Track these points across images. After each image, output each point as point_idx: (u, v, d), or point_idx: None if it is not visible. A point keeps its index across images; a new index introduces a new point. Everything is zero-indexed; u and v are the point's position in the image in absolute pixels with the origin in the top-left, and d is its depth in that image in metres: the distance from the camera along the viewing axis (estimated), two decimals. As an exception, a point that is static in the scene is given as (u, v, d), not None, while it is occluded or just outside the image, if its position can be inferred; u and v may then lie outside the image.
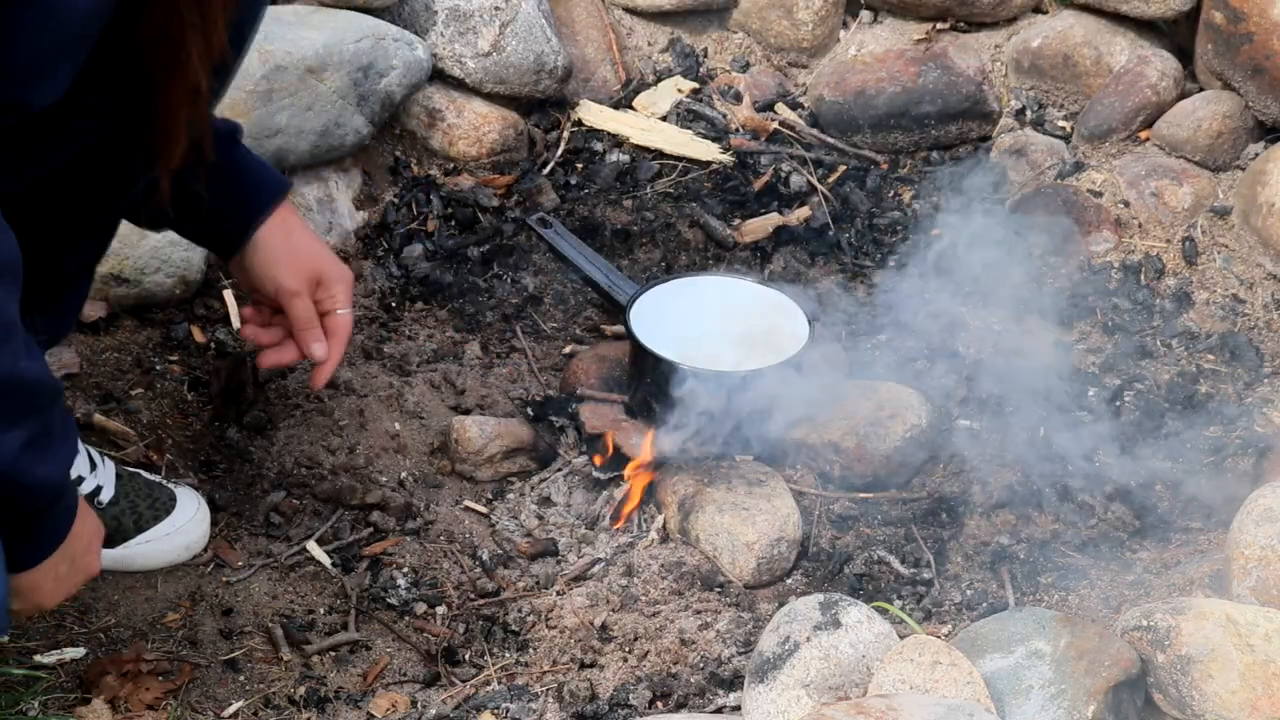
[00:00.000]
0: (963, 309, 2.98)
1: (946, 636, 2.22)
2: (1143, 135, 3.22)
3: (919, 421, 2.64)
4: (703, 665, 2.25)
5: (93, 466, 2.30)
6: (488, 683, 2.27)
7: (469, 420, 2.64)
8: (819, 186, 3.23)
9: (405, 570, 2.45)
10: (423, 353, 2.83)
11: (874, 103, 3.31)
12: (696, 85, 3.40)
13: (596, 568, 2.48)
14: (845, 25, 3.49)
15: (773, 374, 2.57)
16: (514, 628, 2.37)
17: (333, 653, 2.31)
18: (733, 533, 2.45)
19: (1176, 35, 3.34)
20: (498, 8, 3.17)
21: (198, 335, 2.76)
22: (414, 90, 3.12)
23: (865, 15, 3.48)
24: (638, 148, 3.26)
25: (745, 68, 3.46)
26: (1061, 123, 3.32)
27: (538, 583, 2.45)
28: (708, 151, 3.26)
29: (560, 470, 2.65)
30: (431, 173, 3.14)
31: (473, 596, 2.42)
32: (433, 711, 2.22)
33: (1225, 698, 1.97)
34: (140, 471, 2.42)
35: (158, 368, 2.69)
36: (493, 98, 3.19)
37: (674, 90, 3.38)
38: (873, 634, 2.03)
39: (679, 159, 3.25)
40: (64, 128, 1.74)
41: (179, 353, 2.73)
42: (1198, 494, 2.58)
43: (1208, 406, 2.74)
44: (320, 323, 2.20)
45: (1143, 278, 3.02)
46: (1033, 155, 3.24)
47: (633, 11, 3.48)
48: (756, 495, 2.50)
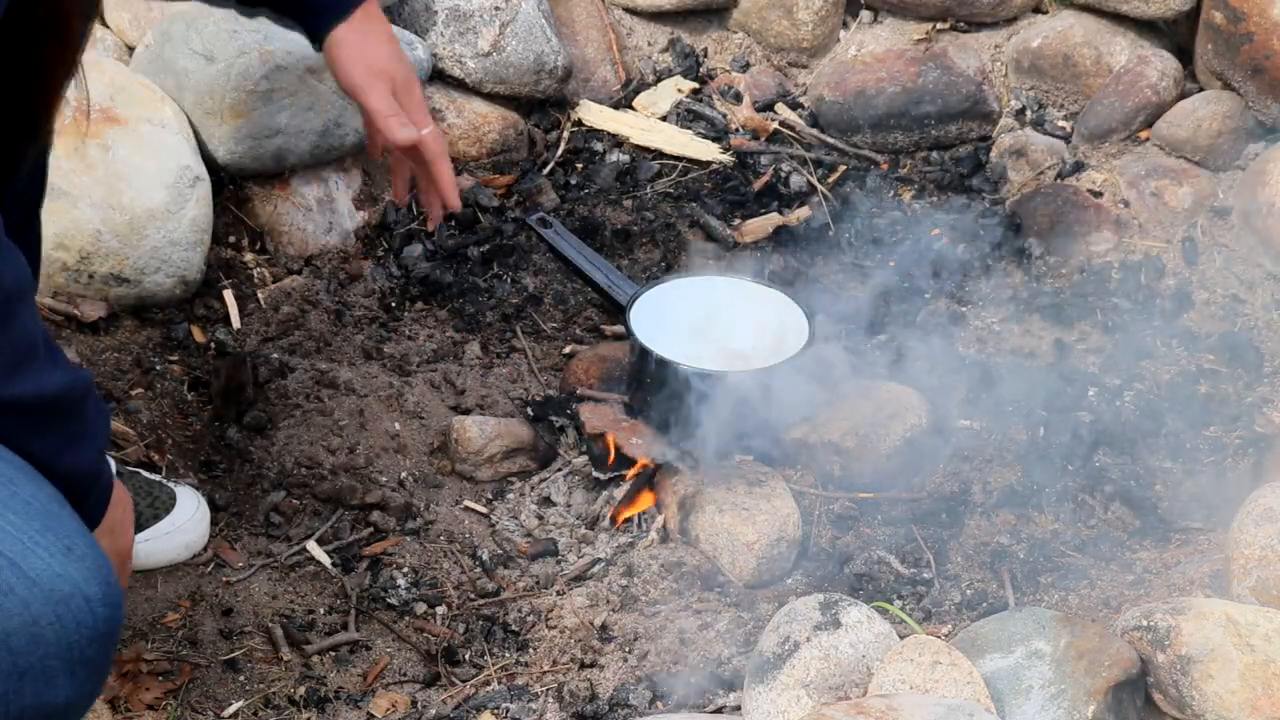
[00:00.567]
0: (963, 309, 2.98)
1: (946, 636, 2.22)
2: (1143, 135, 3.23)
3: (919, 421, 2.64)
4: (703, 665, 2.25)
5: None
6: (488, 683, 2.27)
7: (469, 420, 2.64)
8: (819, 186, 3.23)
9: (405, 570, 2.45)
10: (423, 353, 2.83)
11: (874, 103, 3.31)
12: (696, 85, 3.40)
13: (596, 568, 2.48)
14: (845, 25, 3.49)
15: (773, 374, 2.57)
16: (514, 628, 2.37)
17: (333, 653, 2.31)
18: (733, 533, 2.45)
19: (1176, 35, 3.34)
20: (498, 8, 3.17)
21: (198, 335, 2.76)
22: (414, 90, 3.12)
23: (865, 15, 3.48)
24: (638, 148, 3.26)
25: (745, 68, 3.46)
26: (1061, 123, 3.32)
27: (538, 583, 2.45)
28: (708, 151, 3.26)
29: (560, 470, 2.65)
30: (431, 173, 3.14)
31: (473, 596, 2.42)
32: (433, 711, 2.22)
33: (1225, 698, 1.97)
34: (140, 471, 2.42)
35: (158, 368, 2.69)
36: (493, 98, 3.20)
37: (674, 90, 3.38)
38: (873, 634, 2.03)
39: (679, 159, 3.25)
40: None
41: (179, 353, 2.73)
42: (1198, 494, 2.58)
43: (1208, 406, 2.74)
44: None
45: (1143, 278, 3.02)
46: (1033, 155, 3.24)
47: (633, 11, 3.48)
48: (756, 495, 2.50)
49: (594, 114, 3.31)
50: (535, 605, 2.39)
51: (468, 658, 2.33)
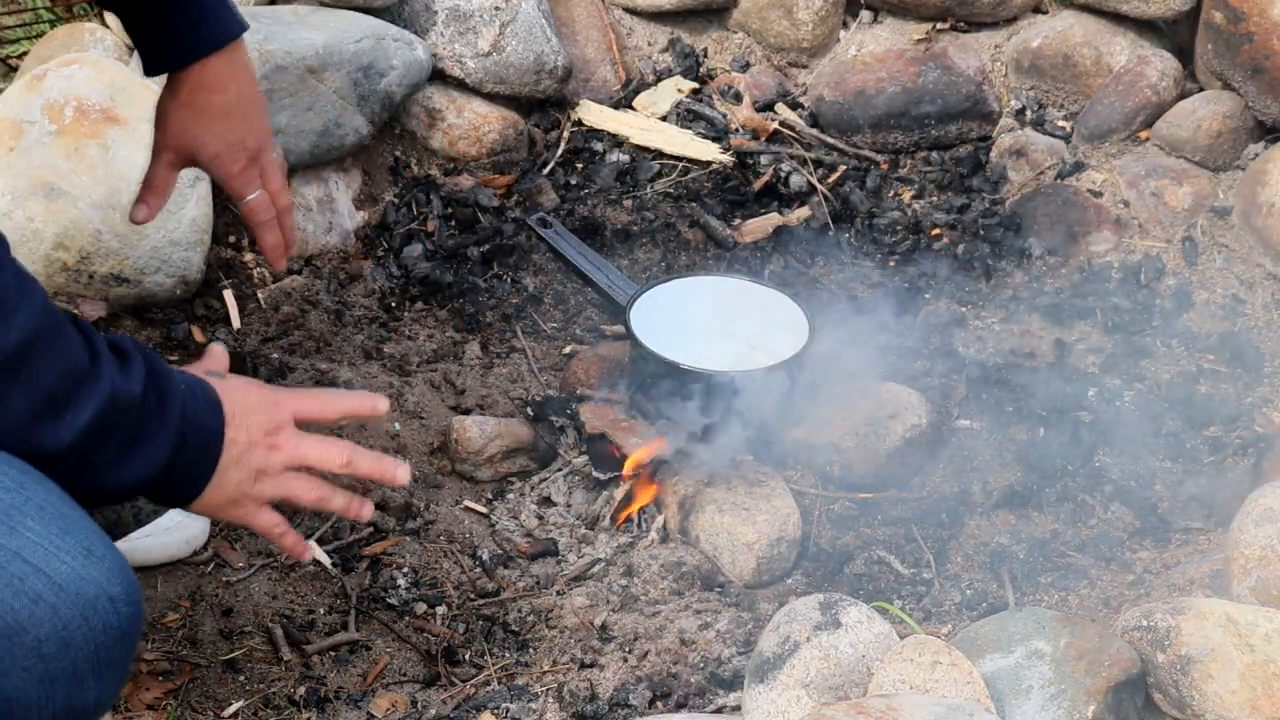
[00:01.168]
0: (963, 309, 2.98)
1: (946, 636, 2.22)
2: (1143, 135, 3.23)
3: (919, 421, 2.64)
4: (703, 665, 2.25)
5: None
6: (488, 683, 2.27)
7: (469, 420, 2.64)
8: (819, 186, 3.23)
9: (405, 570, 2.45)
10: (423, 353, 2.83)
11: (874, 103, 3.31)
12: (696, 85, 3.40)
13: (596, 568, 2.48)
14: (845, 25, 3.49)
15: (773, 374, 2.57)
16: (514, 628, 2.37)
17: (333, 653, 2.31)
18: (733, 533, 2.45)
19: (1176, 35, 3.34)
20: (498, 8, 3.17)
21: (198, 335, 2.76)
22: (414, 90, 3.12)
23: (865, 15, 3.48)
24: (638, 148, 3.26)
25: (745, 68, 3.46)
26: (1061, 123, 3.32)
27: (538, 583, 2.45)
28: (708, 151, 3.26)
29: (560, 470, 2.65)
30: (431, 173, 3.14)
31: (473, 596, 2.42)
32: (433, 711, 2.22)
33: (1225, 698, 1.97)
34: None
35: (158, 368, 2.69)
36: (493, 98, 3.20)
37: (674, 90, 3.38)
38: (873, 634, 2.03)
39: (679, 159, 3.25)
40: None
41: (179, 353, 2.73)
42: (1198, 494, 2.58)
43: (1208, 406, 2.74)
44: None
45: (1143, 278, 3.02)
46: (1033, 155, 3.24)
47: (633, 11, 3.48)
48: (756, 495, 2.50)
49: (594, 114, 3.31)
50: (535, 605, 2.39)
51: (468, 658, 2.32)
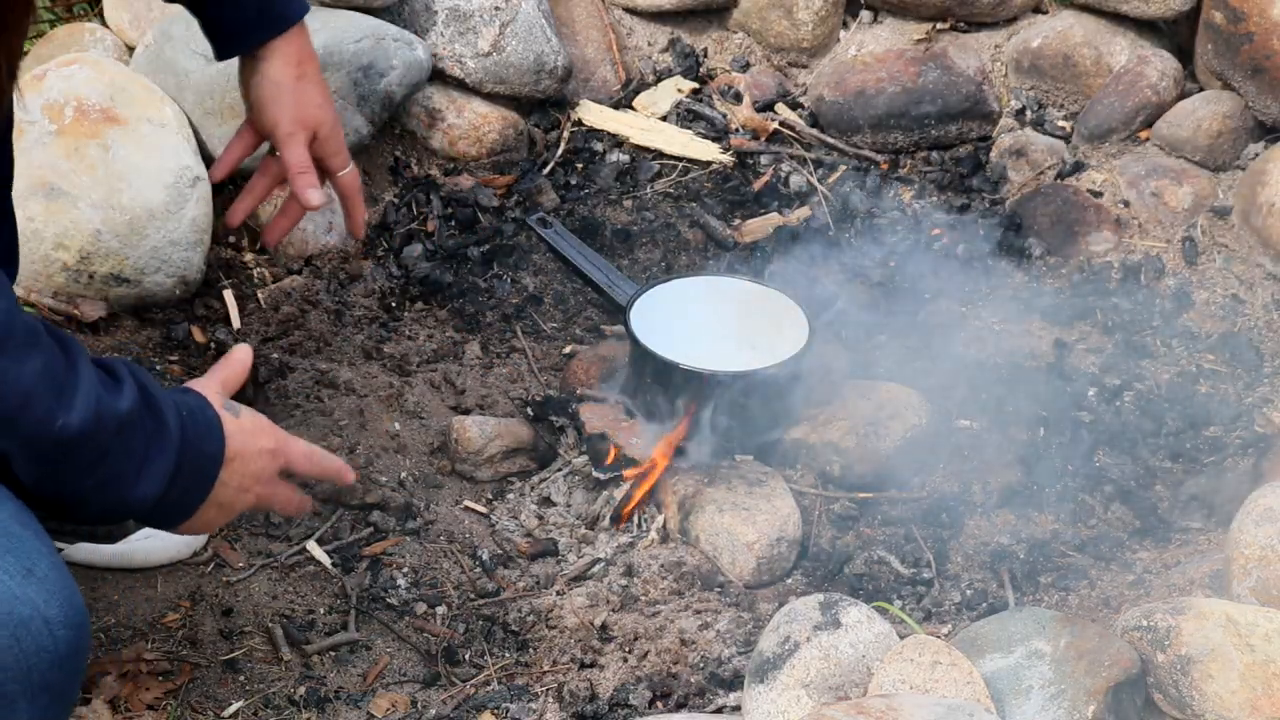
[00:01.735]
0: (963, 309, 2.98)
1: (946, 636, 2.22)
2: (1143, 135, 3.23)
3: (919, 421, 2.64)
4: (703, 665, 2.25)
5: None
6: (488, 683, 2.27)
7: (469, 420, 2.64)
8: (819, 186, 3.23)
9: (405, 570, 2.45)
10: (423, 353, 2.83)
11: (874, 103, 3.30)
12: (696, 85, 3.40)
13: (596, 568, 2.48)
14: (845, 25, 3.49)
15: (773, 374, 2.57)
16: (514, 628, 2.37)
17: (333, 653, 2.31)
18: (733, 533, 2.45)
19: (1176, 35, 3.34)
20: (498, 8, 3.17)
21: (198, 335, 2.76)
22: (414, 90, 3.12)
23: (865, 15, 3.48)
24: (638, 148, 3.26)
25: (745, 68, 3.46)
26: (1061, 123, 3.32)
27: (538, 583, 2.45)
28: (708, 151, 3.26)
29: (560, 470, 2.65)
30: (431, 173, 3.14)
31: (473, 596, 2.42)
32: (433, 711, 2.22)
33: (1225, 698, 1.97)
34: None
35: (158, 368, 2.69)
36: (493, 98, 3.20)
37: (674, 90, 3.38)
38: (873, 634, 2.03)
39: (679, 159, 3.25)
40: None
41: (179, 353, 2.73)
42: (1198, 494, 2.58)
43: (1208, 406, 2.74)
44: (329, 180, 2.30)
45: (1143, 278, 3.02)
46: (1033, 155, 3.24)
47: (633, 11, 3.48)
48: (756, 495, 2.50)
49: (594, 114, 3.31)
50: (535, 605, 2.39)
51: (468, 658, 2.33)
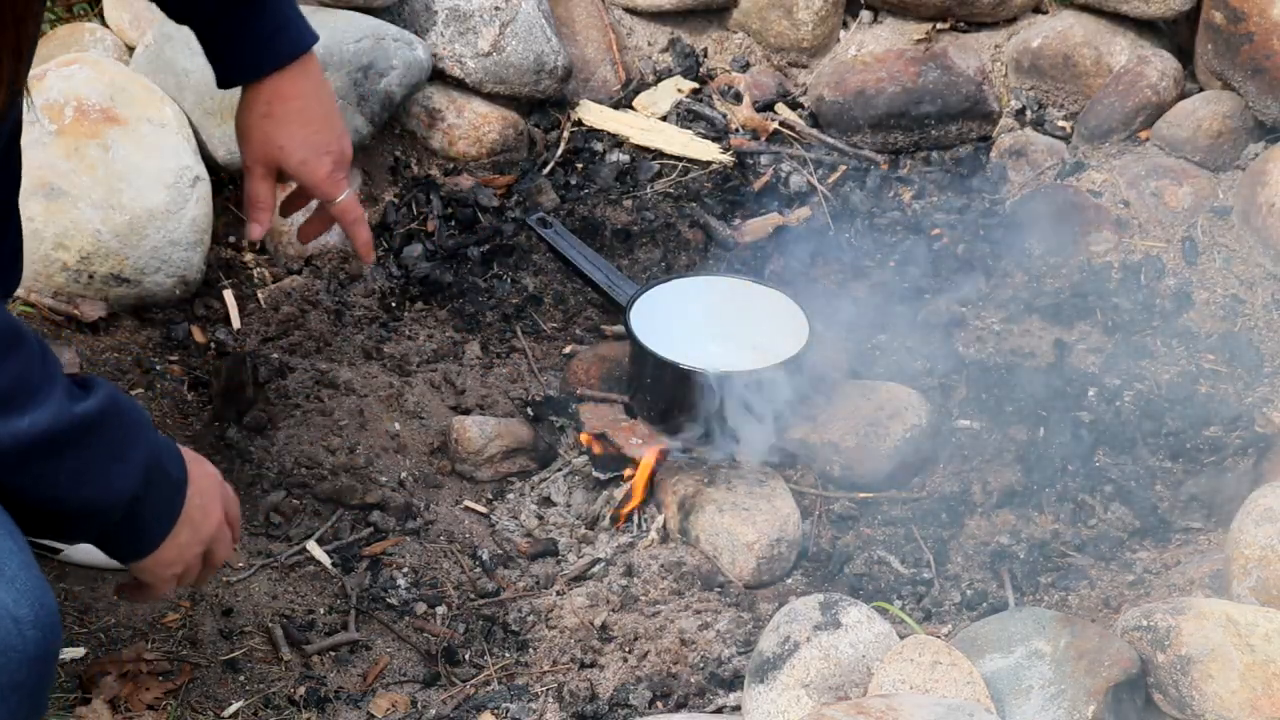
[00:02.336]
0: (963, 309, 2.98)
1: (946, 636, 2.22)
2: (1143, 135, 3.22)
3: (919, 421, 2.64)
4: (703, 665, 2.25)
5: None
6: (488, 683, 2.27)
7: (469, 420, 2.64)
8: (819, 186, 3.22)
9: (405, 570, 2.45)
10: (423, 353, 2.83)
11: (874, 103, 3.30)
12: (696, 85, 3.40)
13: (596, 568, 2.48)
14: (845, 25, 3.48)
15: (772, 374, 2.57)
16: (514, 628, 2.37)
17: (333, 653, 2.31)
18: (733, 533, 2.45)
19: (1176, 35, 3.34)
20: (498, 8, 3.17)
21: (198, 335, 2.76)
22: (414, 90, 3.12)
23: (865, 15, 3.47)
24: (638, 148, 3.25)
25: (745, 68, 3.46)
26: (1061, 123, 3.32)
27: (538, 583, 2.45)
28: (708, 151, 3.26)
29: (560, 470, 2.65)
30: (431, 173, 3.14)
31: (473, 596, 2.42)
32: (433, 711, 2.22)
33: (1225, 698, 1.97)
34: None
35: (158, 368, 2.69)
36: (493, 98, 3.19)
37: (674, 90, 3.38)
38: (873, 634, 2.03)
39: (679, 159, 3.25)
40: None
41: (179, 353, 2.73)
42: (1198, 494, 2.58)
43: (1208, 406, 2.74)
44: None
45: (1143, 278, 3.01)
46: (1033, 155, 3.24)
47: (633, 11, 3.48)
48: (756, 495, 2.50)
49: (594, 114, 3.31)
50: (535, 605, 2.39)
51: (468, 658, 2.33)
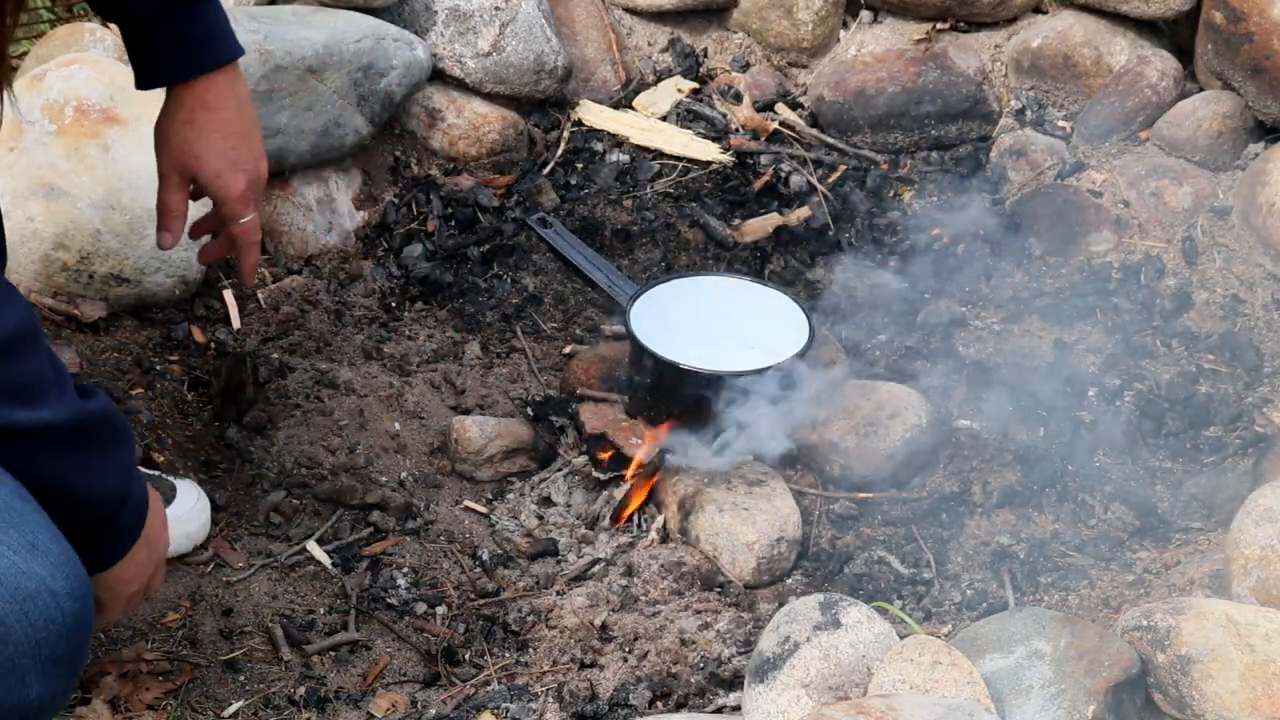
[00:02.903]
0: (963, 309, 2.98)
1: (946, 636, 2.22)
2: (1143, 135, 3.22)
3: (919, 421, 2.64)
4: (703, 665, 2.25)
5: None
6: (488, 683, 2.27)
7: (469, 420, 2.64)
8: (819, 186, 3.23)
9: (405, 570, 2.45)
10: (423, 353, 2.83)
11: (874, 103, 3.31)
12: (696, 85, 3.40)
13: (596, 568, 2.48)
14: (845, 25, 3.49)
15: (772, 374, 2.57)
16: (514, 628, 2.37)
17: (333, 653, 2.31)
18: (733, 533, 2.45)
19: (1176, 35, 3.34)
20: (498, 8, 3.17)
21: (198, 335, 2.76)
22: (414, 90, 3.12)
23: (865, 15, 3.48)
24: (638, 148, 3.26)
25: (745, 68, 3.46)
26: (1061, 123, 3.32)
27: (538, 583, 2.45)
28: (708, 151, 3.26)
29: (560, 470, 2.65)
30: (431, 173, 3.14)
31: (473, 596, 2.42)
32: (433, 711, 2.22)
33: (1225, 698, 1.97)
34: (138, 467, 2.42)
35: (158, 368, 2.69)
36: (493, 98, 3.20)
37: (674, 90, 3.38)
38: (873, 634, 2.03)
39: (679, 159, 3.25)
40: None
41: (179, 353, 2.73)
42: (1198, 494, 2.58)
43: (1208, 406, 2.74)
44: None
45: (1143, 278, 3.01)
46: (1033, 155, 3.24)
47: (633, 11, 3.48)
48: (756, 495, 2.50)
49: (594, 114, 3.31)
50: (535, 605, 2.39)
51: (468, 658, 2.33)
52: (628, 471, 2.57)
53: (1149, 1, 3.26)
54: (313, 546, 2.47)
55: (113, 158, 2.71)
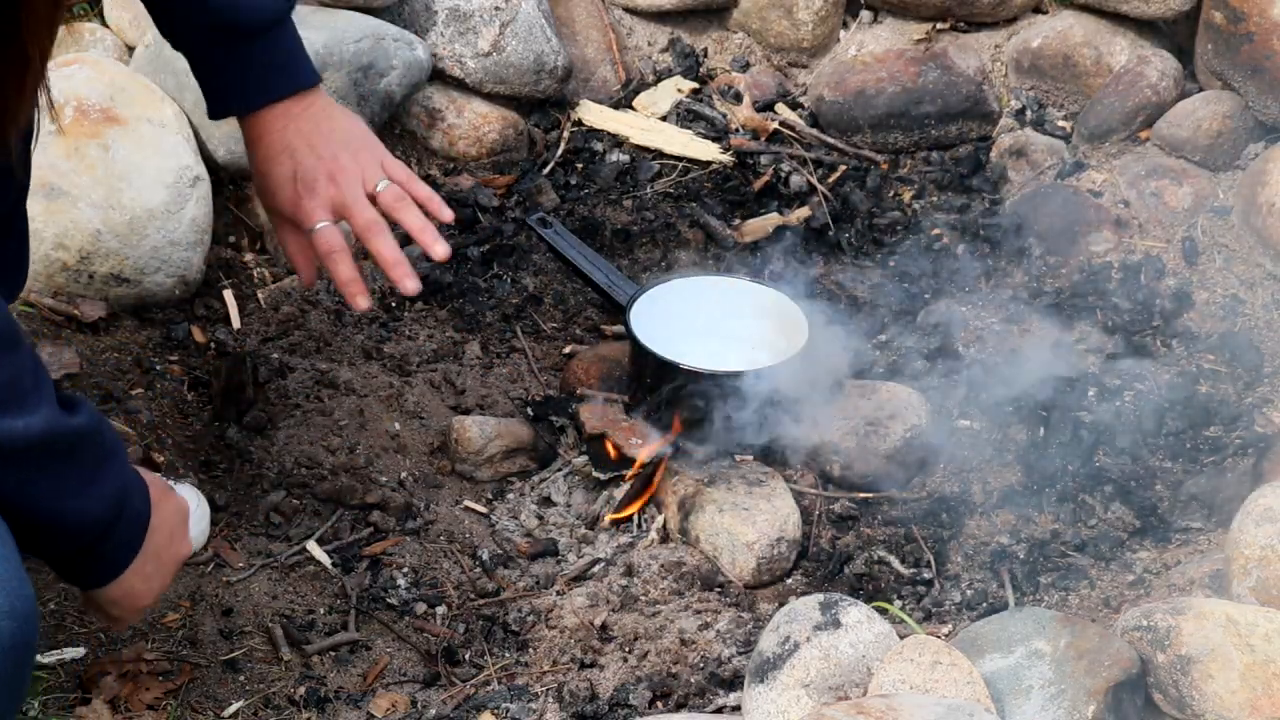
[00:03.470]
0: (963, 309, 2.98)
1: (946, 636, 2.22)
2: (1143, 135, 3.22)
3: (919, 421, 2.64)
4: (703, 665, 2.25)
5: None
6: (488, 683, 2.27)
7: (469, 420, 2.64)
8: (819, 186, 3.22)
9: (405, 570, 2.45)
10: (423, 353, 2.83)
11: (874, 103, 3.30)
12: (696, 85, 3.40)
13: (596, 568, 2.48)
14: (845, 25, 3.48)
15: (772, 374, 2.57)
16: (514, 628, 2.37)
17: (333, 653, 2.31)
18: (733, 533, 2.45)
19: (1176, 35, 3.34)
20: (498, 8, 3.17)
21: (198, 335, 2.76)
22: (414, 90, 3.12)
23: (865, 15, 3.47)
24: (638, 148, 3.26)
25: (745, 68, 3.46)
26: (1061, 123, 3.32)
27: (538, 583, 2.45)
28: (708, 151, 3.26)
29: (560, 470, 2.65)
30: (431, 173, 3.14)
31: (473, 596, 2.42)
32: (433, 711, 2.22)
33: (1225, 698, 1.97)
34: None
35: (158, 368, 2.69)
36: (493, 98, 3.20)
37: (674, 90, 3.38)
38: (873, 634, 2.03)
39: (679, 159, 3.25)
40: None
41: (179, 353, 2.73)
42: (1198, 494, 2.57)
43: (1208, 406, 2.74)
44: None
45: (1143, 278, 3.01)
46: (1033, 155, 3.24)
47: (633, 11, 3.48)
48: (756, 495, 2.50)
49: (594, 114, 3.31)
50: (535, 605, 2.39)
51: (468, 658, 2.33)
52: (628, 472, 2.57)
53: (1149, 1, 3.26)
54: (313, 546, 2.47)
55: (113, 158, 2.71)
